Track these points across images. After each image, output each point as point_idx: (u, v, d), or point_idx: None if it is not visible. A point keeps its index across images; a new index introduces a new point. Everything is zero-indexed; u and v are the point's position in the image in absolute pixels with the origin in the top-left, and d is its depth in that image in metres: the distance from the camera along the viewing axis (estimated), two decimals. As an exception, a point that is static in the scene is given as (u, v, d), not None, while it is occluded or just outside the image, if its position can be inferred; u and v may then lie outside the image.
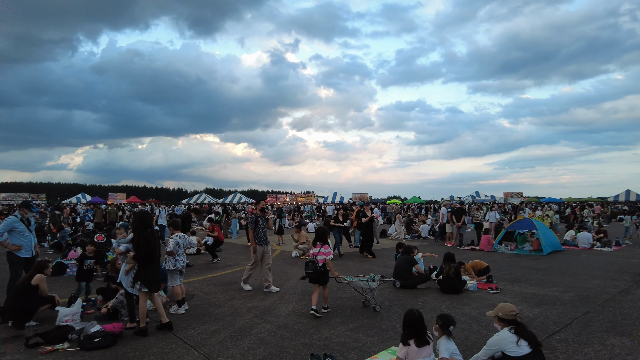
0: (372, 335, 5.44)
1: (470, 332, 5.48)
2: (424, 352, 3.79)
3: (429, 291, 7.95)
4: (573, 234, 15.59)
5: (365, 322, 5.99)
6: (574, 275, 9.35)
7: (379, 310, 6.49)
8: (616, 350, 4.78)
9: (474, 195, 50.72)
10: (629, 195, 41.23)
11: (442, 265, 7.97)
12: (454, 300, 7.20)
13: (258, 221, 8.03)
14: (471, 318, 6.12)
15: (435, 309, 6.61)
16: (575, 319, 6.02)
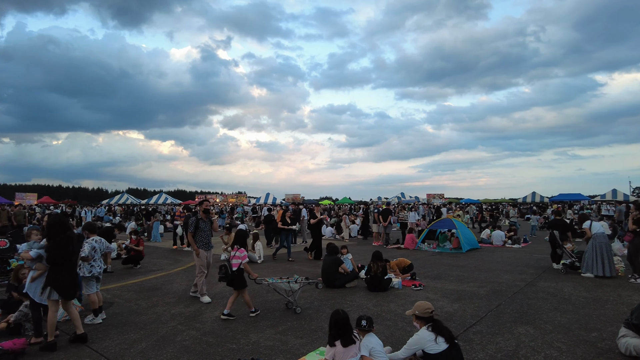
0: (301, 337, 5.43)
1: (395, 329, 5.68)
2: (350, 352, 3.85)
3: (357, 290, 8.14)
4: (488, 233, 16.86)
5: (294, 324, 5.97)
6: (488, 271, 10.10)
7: (300, 312, 6.48)
8: (522, 338, 5.22)
9: (400, 196, 53.00)
10: (535, 197, 45.63)
11: (370, 264, 8.19)
12: (380, 298, 7.44)
13: (199, 224, 7.47)
14: (396, 315, 6.35)
15: (362, 307, 6.78)
16: (489, 311, 6.49)
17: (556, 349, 4.85)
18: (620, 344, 4.59)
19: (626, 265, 9.65)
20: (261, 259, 11.93)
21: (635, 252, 8.82)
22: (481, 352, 4.77)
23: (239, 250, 6.36)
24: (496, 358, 4.60)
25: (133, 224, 18.43)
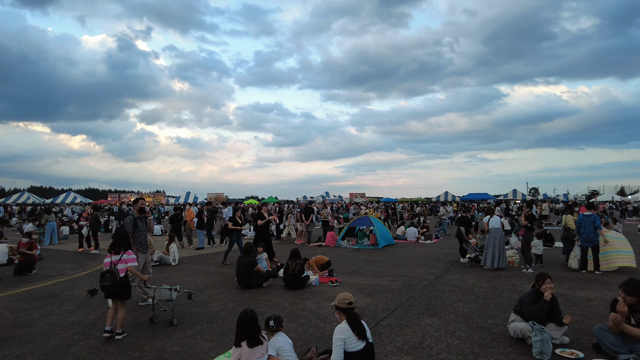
0: (211, 340, 5.20)
1: (309, 326, 5.66)
2: (257, 353, 3.73)
3: (274, 289, 8.04)
4: (403, 229, 17.69)
5: (204, 327, 5.71)
6: (402, 266, 10.55)
7: (177, 324, 5.82)
8: (428, 329, 5.48)
9: (324, 196, 53.91)
10: (447, 196, 48.99)
11: (288, 262, 8.14)
12: (297, 296, 7.41)
13: (137, 223, 6.89)
14: (311, 312, 6.35)
15: (278, 306, 6.70)
16: (399, 304, 6.74)
17: (457, 337, 5.15)
18: (510, 328, 5.00)
19: (521, 257, 10.64)
20: (175, 261, 11.34)
21: (526, 244, 9.77)
22: (389, 345, 4.91)
23: (127, 252, 5.57)
24: (403, 350, 4.76)
25: (30, 225, 16.56)
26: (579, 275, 9.08)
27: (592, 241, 9.28)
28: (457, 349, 4.74)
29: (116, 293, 5.30)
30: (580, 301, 6.83)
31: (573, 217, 10.46)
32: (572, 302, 6.75)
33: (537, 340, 4.42)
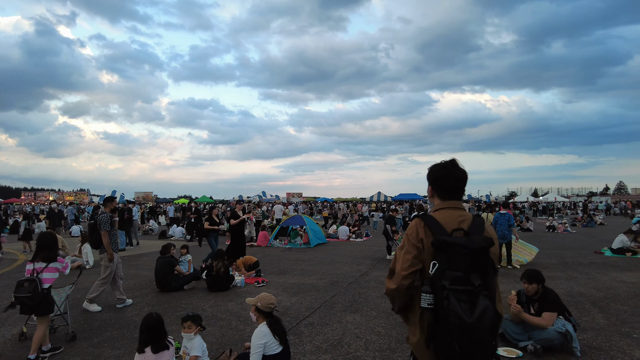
0: (119, 347, 4.81)
1: (228, 329, 5.44)
2: (162, 359, 3.47)
3: (196, 291, 7.67)
4: (335, 228, 17.87)
5: (114, 334, 5.27)
6: (331, 264, 10.60)
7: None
8: (349, 326, 5.48)
9: (261, 195, 53.29)
10: (380, 196, 50.54)
11: (213, 263, 7.81)
12: (219, 298, 7.13)
13: (112, 222, 6.52)
14: (232, 314, 6.12)
15: (198, 309, 6.38)
16: (323, 302, 6.71)
17: (376, 333, 5.20)
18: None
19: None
20: (89, 264, 10.47)
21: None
22: (309, 344, 4.84)
23: (59, 260, 4.82)
24: (322, 349, 4.71)
25: None
26: (493, 270, 9.66)
27: (506, 238, 9.93)
28: (374, 345, 4.77)
29: (34, 307, 4.48)
30: (493, 294, 7.23)
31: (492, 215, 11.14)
32: (485, 295, 7.13)
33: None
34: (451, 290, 1.76)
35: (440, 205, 2.12)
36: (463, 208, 2.13)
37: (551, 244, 14.86)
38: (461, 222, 2.00)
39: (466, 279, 1.77)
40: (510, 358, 4.32)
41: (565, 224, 21.82)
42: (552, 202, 45.11)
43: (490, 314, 1.73)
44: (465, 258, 1.80)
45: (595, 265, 10.15)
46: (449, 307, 1.74)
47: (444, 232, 1.95)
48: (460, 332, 1.71)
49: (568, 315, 4.68)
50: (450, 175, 2.13)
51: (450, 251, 1.82)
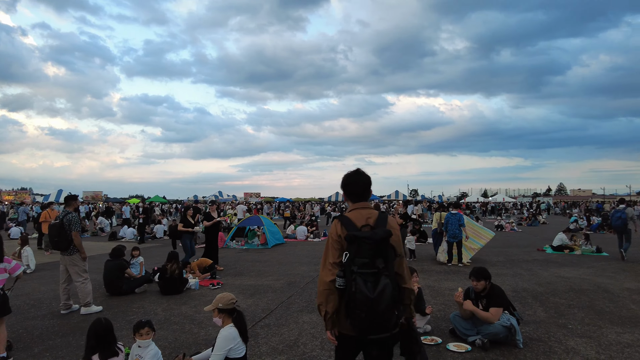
0: (63, 356, 4.57)
1: (181, 333, 5.30)
2: (110, 366, 3.35)
3: (148, 295, 7.43)
4: (293, 228, 17.87)
5: (57, 342, 5.00)
6: (288, 264, 10.59)
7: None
8: (305, 326, 5.50)
9: (217, 195, 52.32)
10: (338, 197, 51.01)
11: (166, 265, 7.59)
12: (172, 301, 6.93)
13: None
14: (186, 317, 5.98)
15: (150, 313, 6.18)
16: (280, 303, 6.70)
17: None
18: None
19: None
20: (31, 268, 9.85)
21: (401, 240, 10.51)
22: (264, 346, 4.81)
23: (6, 259, 4.61)
24: (278, 349, 4.70)
25: None
26: (445, 268, 10.03)
27: (457, 237, 10.33)
28: (331, 345, 4.80)
29: None
30: (445, 291, 7.50)
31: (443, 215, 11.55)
32: (438, 293, 7.39)
33: (402, 330, 4.69)
34: (358, 274, 2.25)
35: (352, 207, 2.61)
36: (370, 207, 2.60)
37: (499, 243, 15.61)
38: (368, 219, 2.47)
39: (372, 264, 2.26)
40: (460, 353, 4.50)
41: (512, 223, 23.01)
42: (501, 202, 47.42)
43: (389, 290, 2.25)
44: (371, 247, 2.28)
45: (537, 262, 10.77)
46: (356, 286, 2.23)
47: (355, 228, 2.43)
48: (365, 304, 2.21)
49: (512, 309, 4.95)
50: (356, 182, 2.66)
51: (358, 242, 2.30)
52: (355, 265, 2.28)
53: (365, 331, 2.33)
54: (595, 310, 6.14)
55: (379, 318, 2.26)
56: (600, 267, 9.93)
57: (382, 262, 2.30)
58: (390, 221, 2.53)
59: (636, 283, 8.03)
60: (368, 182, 2.68)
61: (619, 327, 5.34)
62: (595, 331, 5.20)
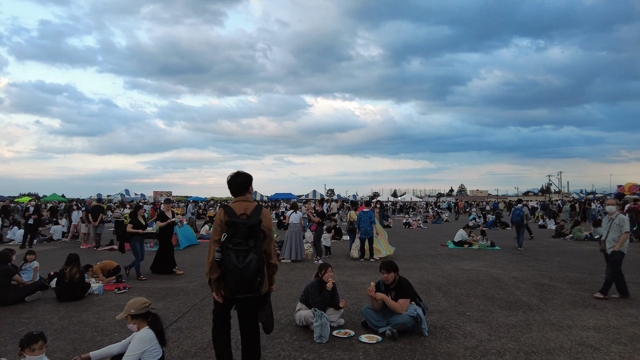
0: None
1: (82, 342, 4.86)
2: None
3: (42, 302, 6.69)
4: (207, 229, 17.31)
5: None
6: (201, 266, 10.21)
7: None
8: (220, 327, 5.37)
9: (124, 194, 48.87)
10: (256, 196, 50.54)
11: (64, 269, 6.90)
12: (71, 308, 6.33)
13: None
14: (87, 325, 5.49)
15: (44, 323, 5.58)
16: (193, 306, 6.45)
17: (248, 331, 5.19)
18: (296, 317, 5.32)
19: (314, 249, 11.61)
20: None
21: (317, 238, 10.76)
22: (176, 349, 4.62)
23: None
24: (190, 352, 4.54)
25: None
26: (358, 263, 10.44)
27: (368, 233, 10.80)
28: (246, 344, 4.76)
29: None
30: (357, 285, 7.80)
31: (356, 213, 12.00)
32: (351, 287, 7.66)
33: (317, 326, 4.79)
34: (232, 250, 3.10)
35: (234, 200, 3.48)
36: (250, 201, 3.50)
37: (407, 239, 16.66)
38: (246, 209, 3.35)
39: (245, 243, 3.12)
40: (371, 344, 4.71)
41: (419, 221, 24.65)
42: (409, 201, 50.56)
43: (254, 263, 3.11)
44: (245, 230, 3.14)
45: (441, 256, 11.67)
46: (229, 259, 3.09)
47: (235, 215, 3.27)
48: (235, 272, 3.07)
49: (419, 300, 5.32)
50: (236, 181, 3.50)
51: (235, 226, 3.13)
52: (231, 243, 3.11)
53: (235, 292, 3.17)
54: (488, 298, 6.82)
55: (245, 282, 3.09)
56: (494, 260, 11.05)
57: (253, 242, 3.15)
58: (264, 212, 3.38)
59: (521, 272, 9.07)
60: (246, 181, 3.52)
61: (507, 311, 6.00)
62: (487, 316, 5.78)
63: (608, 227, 6.89)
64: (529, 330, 5.14)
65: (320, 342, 4.72)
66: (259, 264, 3.15)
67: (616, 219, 6.82)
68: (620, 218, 6.83)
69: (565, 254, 11.93)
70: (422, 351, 4.49)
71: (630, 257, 11.34)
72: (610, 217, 6.94)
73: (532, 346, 4.61)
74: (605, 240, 6.87)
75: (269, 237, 3.38)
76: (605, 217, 7.16)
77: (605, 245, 6.85)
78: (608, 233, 6.85)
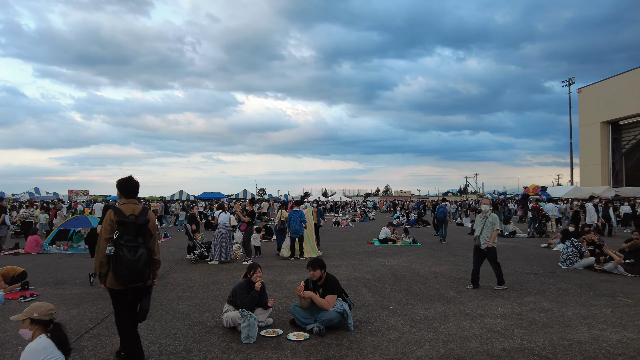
0: None
1: (-22, 357, 4.38)
2: None
3: None
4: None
5: None
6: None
7: None
8: (141, 332, 4.99)
9: (33, 192, 44.40)
10: (182, 195, 48.49)
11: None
12: (-34, 321, 5.65)
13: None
14: (-15, 338, 4.95)
15: None
16: (112, 311, 6.02)
17: (172, 336, 5.00)
18: (223, 318, 5.22)
19: (243, 250, 11.44)
20: None
21: (247, 238, 10.64)
22: (93, 358, 4.32)
23: None
24: (108, 360, 4.27)
25: None
26: (288, 262, 10.49)
27: (298, 232, 10.89)
28: (169, 349, 4.59)
29: None
30: (287, 284, 7.84)
31: (286, 212, 12.03)
32: (280, 286, 7.68)
33: (244, 326, 4.75)
34: (125, 245, 3.58)
35: (123, 202, 3.90)
36: (137, 203, 3.92)
37: (335, 237, 17.05)
38: (134, 210, 3.81)
39: (134, 239, 3.63)
40: (299, 341, 4.76)
41: (347, 220, 25.31)
42: (338, 201, 51.67)
43: (144, 256, 3.65)
44: (134, 229, 3.64)
45: (367, 253, 12.10)
46: (122, 253, 3.56)
47: (124, 215, 3.71)
48: (128, 264, 3.55)
49: (345, 296, 5.48)
50: (131, 184, 3.97)
51: (125, 225, 3.62)
52: (123, 240, 3.58)
53: (128, 282, 3.62)
54: (410, 292, 7.20)
55: (137, 273, 3.60)
56: (415, 256, 11.68)
57: (141, 239, 3.68)
58: (150, 213, 3.89)
59: (440, 267, 9.69)
60: (137, 186, 4.01)
61: (427, 304, 6.39)
62: (409, 309, 6.11)
63: (482, 224, 7.48)
64: (447, 321, 5.52)
65: (248, 342, 4.69)
66: (148, 257, 3.71)
67: (490, 217, 7.47)
68: (493, 217, 7.50)
69: (479, 249, 13.00)
70: (348, 345, 4.64)
71: (533, 251, 12.63)
72: (485, 215, 7.56)
73: (448, 335, 4.95)
74: (480, 237, 7.43)
75: (154, 236, 3.90)
76: (479, 215, 7.73)
77: (480, 241, 7.42)
78: (482, 230, 7.44)
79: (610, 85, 42.85)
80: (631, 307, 6.22)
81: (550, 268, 9.63)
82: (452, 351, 4.46)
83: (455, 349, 4.51)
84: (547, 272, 9.07)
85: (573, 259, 9.56)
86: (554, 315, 5.79)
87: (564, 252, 9.91)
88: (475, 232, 7.65)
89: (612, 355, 4.36)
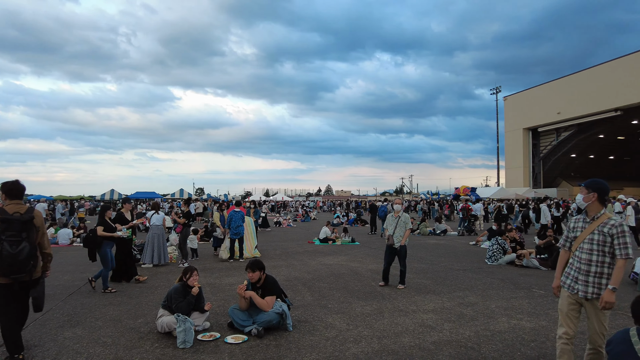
0: None
1: None
2: None
3: None
4: (53, 232, 15.20)
5: None
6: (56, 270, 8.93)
7: None
8: (67, 342, 4.79)
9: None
10: (113, 194, 45.81)
11: None
12: None
13: None
14: None
15: None
16: (34, 320, 5.61)
17: (102, 344, 4.74)
18: (158, 324, 5.03)
19: (179, 252, 11.06)
20: None
21: (183, 240, 10.30)
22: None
23: None
24: (27, 374, 3.96)
25: None
26: (227, 264, 10.30)
27: (239, 233, 10.74)
28: (98, 358, 4.35)
29: None
30: (225, 287, 7.71)
31: (222, 214, 11.82)
32: (219, 289, 7.53)
33: (180, 331, 4.62)
34: (6, 240, 3.82)
35: (8, 203, 4.11)
36: (22, 204, 4.15)
37: (277, 237, 17.01)
38: (20, 209, 4.04)
39: (18, 235, 3.89)
40: (237, 344, 4.71)
41: (289, 220, 25.33)
42: (280, 201, 51.51)
43: (27, 250, 3.89)
44: (18, 225, 3.90)
45: (307, 253, 12.21)
46: (2, 247, 3.80)
47: (8, 214, 3.93)
48: (8, 257, 3.80)
49: (284, 297, 5.50)
50: (17, 187, 4.22)
51: (8, 222, 3.87)
52: (5, 235, 3.83)
53: (9, 273, 3.83)
54: (348, 290, 7.39)
55: (19, 265, 3.85)
56: (354, 254, 11.98)
57: (25, 234, 3.93)
58: (36, 212, 4.15)
59: (376, 265, 10.01)
60: (22, 189, 4.27)
61: (363, 302, 6.59)
62: (347, 307, 6.27)
63: (395, 224, 7.83)
64: (382, 317, 5.74)
65: (184, 347, 4.57)
66: (32, 251, 3.95)
67: (402, 217, 7.86)
68: (405, 216, 7.89)
69: (413, 247, 13.51)
70: (286, 346, 4.67)
71: (462, 249, 13.44)
72: (397, 215, 7.94)
73: (383, 331, 5.15)
74: (393, 236, 7.77)
75: (41, 231, 4.18)
76: (391, 215, 8.07)
77: (393, 240, 7.77)
78: (395, 229, 7.78)
79: (531, 95, 46.89)
80: (543, 298, 6.85)
81: (477, 264, 10.31)
82: (387, 346, 4.65)
83: (390, 344, 4.71)
84: (474, 268, 9.70)
85: (497, 256, 10.31)
86: (479, 308, 6.22)
87: (489, 249, 10.67)
88: (387, 231, 7.94)
89: (527, 342, 4.79)
